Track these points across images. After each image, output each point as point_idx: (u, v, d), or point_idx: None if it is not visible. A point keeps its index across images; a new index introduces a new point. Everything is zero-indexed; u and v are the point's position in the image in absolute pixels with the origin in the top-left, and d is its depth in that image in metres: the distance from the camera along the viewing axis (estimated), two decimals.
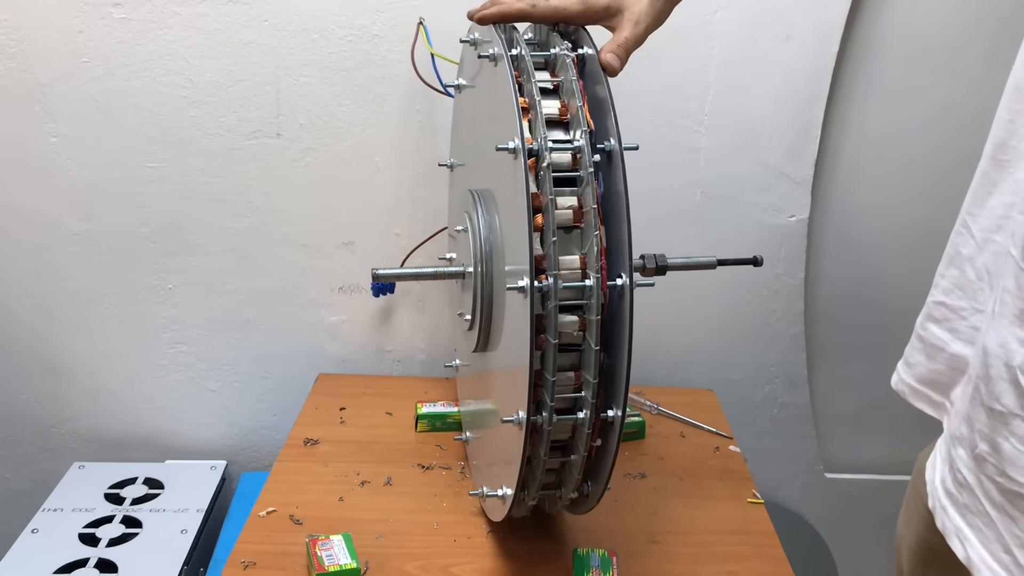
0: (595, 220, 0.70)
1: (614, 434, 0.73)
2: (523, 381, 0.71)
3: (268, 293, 1.26)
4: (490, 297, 0.84)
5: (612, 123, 0.71)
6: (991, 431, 0.59)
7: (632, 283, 0.69)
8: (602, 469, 0.77)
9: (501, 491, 0.82)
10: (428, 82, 1.07)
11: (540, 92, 0.74)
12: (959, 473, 0.63)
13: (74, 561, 1.05)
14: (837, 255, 1.29)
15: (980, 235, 0.65)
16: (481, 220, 0.84)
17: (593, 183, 0.70)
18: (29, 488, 1.34)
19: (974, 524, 0.61)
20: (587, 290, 0.71)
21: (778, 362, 1.33)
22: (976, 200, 0.66)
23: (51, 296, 1.24)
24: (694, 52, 1.15)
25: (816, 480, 1.41)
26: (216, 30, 1.12)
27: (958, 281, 0.68)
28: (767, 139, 1.20)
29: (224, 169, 1.19)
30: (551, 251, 0.69)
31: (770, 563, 0.93)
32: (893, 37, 1.17)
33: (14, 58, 1.12)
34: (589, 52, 0.77)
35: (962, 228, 0.68)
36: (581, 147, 0.71)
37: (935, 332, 0.70)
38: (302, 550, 0.90)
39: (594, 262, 0.70)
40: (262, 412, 1.33)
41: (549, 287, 0.69)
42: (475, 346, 0.89)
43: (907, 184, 1.25)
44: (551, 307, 0.69)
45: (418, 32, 1.07)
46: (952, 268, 0.68)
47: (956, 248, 0.68)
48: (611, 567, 0.87)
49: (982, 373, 0.60)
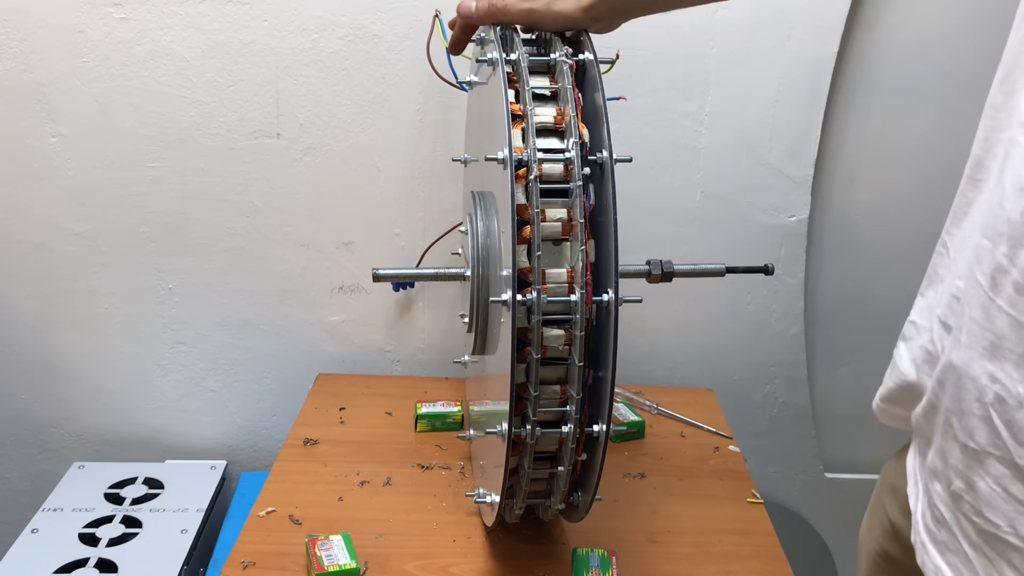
0: (582, 234, 0.69)
1: (599, 449, 0.73)
2: (506, 393, 0.71)
3: (268, 293, 1.26)
4: (486, 302, 0.83)
5: (605, 134, 0.70)
6: (966, 468, 0.56)
7: (617, 299, 0.68)
8: (589, 481, 0.76)
9: (490, 498, 0.82)
10: (444, 76, 1.04)
11: (535, 99, 0.73)
12: (936, 509, 0.60)
13: (74, 561, 1.05)
14: (837, 255, 1.29)
15: (954, 255, 0.63)
16: (480, 223, 0.84)
17: (582, 196, 0.69)
18: (29, 488, 1.34)
19: (952, 563, 0.58)
20: (573, 305, 0.70)
21: (778, 362, 1.33)
22: (954, 219, 0.64)
23: (51, 296, 1.24)
24: (694, 52, 1.15)
25: (816, 480, 1.41)
26: (216, 30, 1.12)
27: (931, 302, 0.65)
28: (767, 139, 1.20)
29: (224, 169, 1.19)
30: (536, 264, 0.68)
31: (770, 563, 0.93)
32: (893, 37, 1.17)
33: (14, 58, 1.12)
34: (588, 57, 0.75)
35: (941, 248, 0.65)
36: (572, 158, 0.70)
37: (900, 349, 0.67)
38: (302, 550, 0.90)
39: (580, 277, 0.69)
40: (262, 412, 1.33)
41: (532, 301, 0.68)
42: (473, 349, 0.89)
43: (907, 184, 1.25)
44: (535, 321, 0.68)
45: (433, 25, 1.05)
46: (929, 289, 0.66)
47: (935, 268, 0.66)
48: (611, 567, 0.87)
49: (953, 407, 0.57)
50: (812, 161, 1.21)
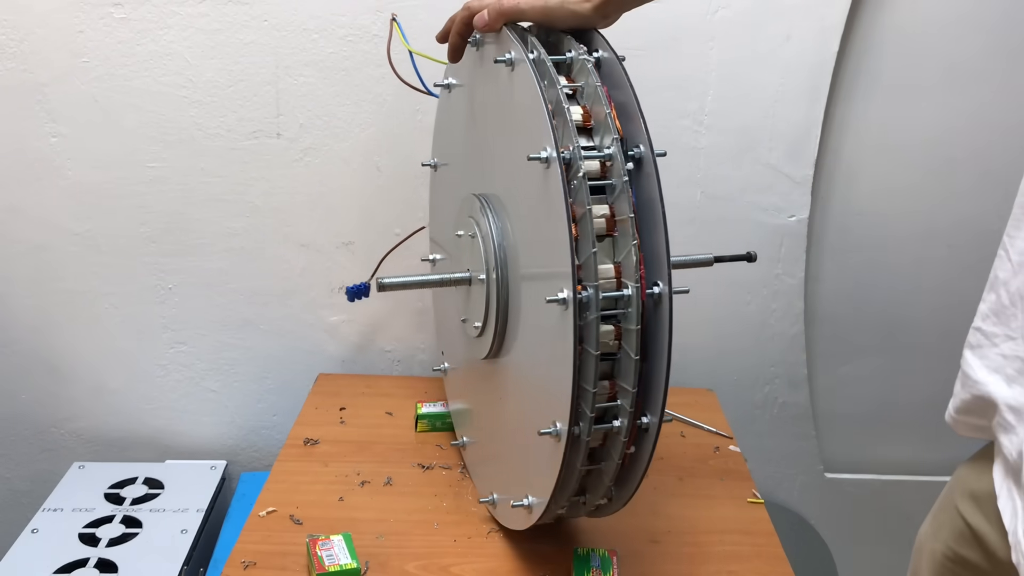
0: (632, 229, 0.69)
1: (649, 441, 0.73)
2: (561, 392, 0.71)
3: (268, 293, 1.26)
4: (506, 304, 0.83)
5: (640, 128, 0.71)
6: None
7: (671, 290, 0.69)
8: (633, 475, 0.76)
9: (527, 500, 0.81)
10: (408, 81, 1.02)
11: (566, 98, 0.73)
12: None
13: (74, 561, 1.05)
14: (837, 255, 1.29)
15: (1017, 258, 0.64)
16: (493, 226, 0.83)
17: (629, 191, 0.69)
18: (29, 488, 1.34)
19: None
20: (623, 299, 0.70)
21: (778, 362, 1.33)
22: (1016, 223, 0.64)
23: (51, 296, 1.24)
24: (694, 52, 1.15)
25: (816, 480, 1.41)
26: (216, 30, 1.12)
27: (994, 306, 0.66)
28: (767, 139, 1.20)
29: (224, 169, 1.19)
30: (591, 262, 0.69)
31: (770, 563, 0.93)
32: (893, 37, 1.17)
33: (14, 58, 1.12)
34: (606, 55, 0.75)
35: (1001, 251, 0.66)
36: (612, 155, 0.70)
37: (968, 359, 0.68)
38: (302, 550, 0.90)
39: (633, 271, 0.69)
40: (262, 412, 1.33)
41: (590, 298, 0.69)
42: (487, 353, 0.88)
43: (907, 184, 1.25)
44: (591, 318, 0.69)
45: (392, 29, 1.03)
46: (991, 292, 0.67)
47: (995, 272, 0.67)
48: (611, 567, 0.87)
49: None
50: (812, 161, 1.21)
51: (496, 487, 0.94)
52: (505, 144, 0.81)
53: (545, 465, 0.76)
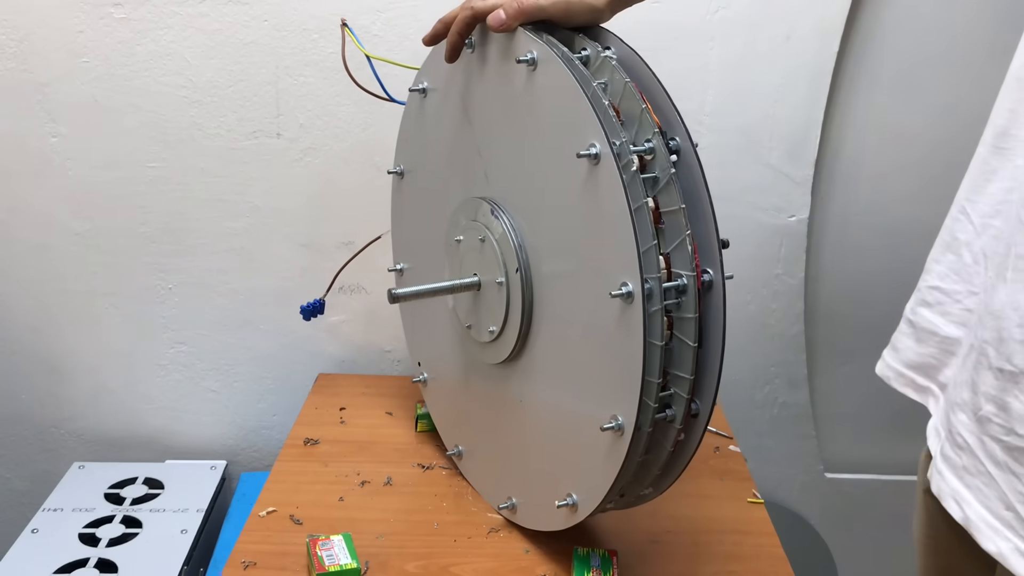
0: (684, 219, 0.70)
1: (699, 426, 0.74)
2: (625, 386, 0.72)
3: (268, 293, 1.26)
4: (530, 305, 0.83)
5: (676, 120, 0.72)
6: (999, 391, 0.61)
7: (724, 277, 0.71)
8: (679, 462, 0.77)
9: (571, 499, 0.81)
10: (368, 89, 0.97)
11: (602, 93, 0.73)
12: (959, 437, 0.65)
13: (74, 561, 1.05)
14: (837, 255, 1.29)
15: (979, 220, 0.68)
16: (509, 227, 0.83)
17: (675, 183, 0.71)
18: (29, 488, 1.34)
19: (972, 485, 0.63)
20: (679, 289, 0.72)
21: (778, 362, 1.33)
22: (975, 187, 0.69)
23: (51, 296, 1.24)
24: (694, 52, 1.15)
25: (816, 480, 1.41)
26: (216, 30, 1.12)
27: (954, 266, 0.70)
28: (767, 139, 1.20)
29: (224, 169, 1.19)
30: (652, 254, 0.70)
31: (770, 563, 0.93)
32: (893, 37, 1.17)
33: (14, 58, 1.12)
34: (624, 50, 0.76)
35: (959, 215, 0.70)
36: (654, 147, 0.72)
37: (927, 316, 0.73)
38: (302, 550, 0.90)
39: (688, 262, 0.71)
40: (262, 412, 1.33)
41: (652, 290, 0.70)
42: (506, 356, 0.87)
43: (907, 184, 1.25)
44: (654, 310, 0.70)
45: (344, 35, 0.98)
46: (948, 254, 0.71)
47: (953, 234, 0.71)
48: (611, 567, 0.87)
49: (991, 337, 0.62)
50: (812, 161, 1.21)
51: (514, 491, 0.93)
52: (521, 145, 0.81)
53: (601, 460, 0.76)
